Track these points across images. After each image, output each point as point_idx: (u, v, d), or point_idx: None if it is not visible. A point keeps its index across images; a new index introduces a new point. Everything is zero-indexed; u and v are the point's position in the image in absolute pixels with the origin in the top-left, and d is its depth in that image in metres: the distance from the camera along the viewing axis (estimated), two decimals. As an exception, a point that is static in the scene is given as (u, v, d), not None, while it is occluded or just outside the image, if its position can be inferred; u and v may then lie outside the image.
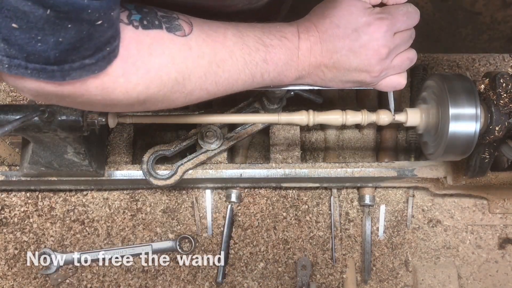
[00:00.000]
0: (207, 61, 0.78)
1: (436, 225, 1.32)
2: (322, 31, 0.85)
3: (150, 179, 1.18)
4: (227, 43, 0.80)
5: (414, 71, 1.34)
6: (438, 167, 1.21)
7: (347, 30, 0.84)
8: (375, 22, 0.84)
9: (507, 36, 2.12)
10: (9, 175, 1.21)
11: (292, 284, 1.28)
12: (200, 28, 0.78)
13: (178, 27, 0.75)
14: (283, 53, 0.84)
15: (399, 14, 0.85)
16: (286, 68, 0.86)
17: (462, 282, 1.29)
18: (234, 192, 1.30)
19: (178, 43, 0.75)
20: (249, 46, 0.82)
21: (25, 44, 0.59)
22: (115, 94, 0.70)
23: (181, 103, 0.81)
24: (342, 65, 0.86)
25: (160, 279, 1.28)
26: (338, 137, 1.34)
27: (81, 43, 0.61)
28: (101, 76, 0.67)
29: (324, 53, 0.86)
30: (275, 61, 0.84)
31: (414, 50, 0.90)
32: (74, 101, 0.71)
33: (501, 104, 0.96)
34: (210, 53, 0.78)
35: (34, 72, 0.62)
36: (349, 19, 0.84)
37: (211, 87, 0.81)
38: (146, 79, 0.72)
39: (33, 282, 1.27)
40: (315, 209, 1.31)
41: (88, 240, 1.29)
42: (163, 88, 0.74)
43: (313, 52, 0.86)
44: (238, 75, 0.82)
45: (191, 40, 0.76)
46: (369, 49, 0.84)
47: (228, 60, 0.80)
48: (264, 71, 0.84)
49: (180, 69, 0.75)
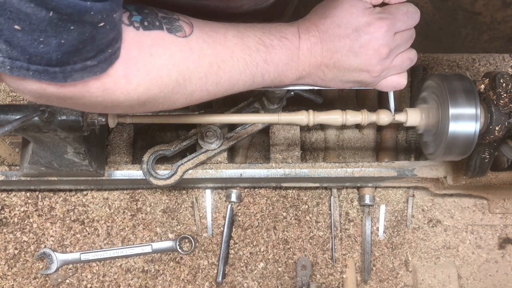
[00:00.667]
0: (208, 62, 0.78)
1: (436, 225, 1.32)
2: (323, 31, 0.85)
3: (150, 179, 1.18)
4: (227, 44, 0.80)
5: (414, 71, 1.34)
6: (438, 167, 1.21)
7: (348, 30, 0.84)
8: (375, 22, 0.84)
9: (507, 36, 2.13)
10: (9, 175, 1.21)
11: (292, 284, 1.28)
12: (201, 29, 0.78)
13: (178, 28, 0.75)
14: (284, 54, 0.84)
15: (400, 14, 0.85)
16: (287, 69, 0.86)
17: (462, 282, 1.29)
18: (234, 192, 1.30)
19: (179, 44, 0.75)
20: (249, 46, 0.82)
21: (28, 45, 0.59)
22: (116, 95, 0.70)
23: (181, 104, 0.81)
24: (343, 65, 0.86)
25: (160, 279, 1.28)
26: (338, 137, 1.34)
27: (83, 45, 0.61)
28: (103, 78, 0.67)
29: (324, 53, 0.86)
30: (276, 61, 0.84)
31: (415, 50, 0.90)
32: (76, 103, 0.71)
33: (501, 104, 0.96)
34: (211, 54, 0.78)
35: (36, 74, 0.62)
36: (350, 19, 0.84)
37: (212, 88, 0.81)
38: (147, 80, 0.72)
39: (33, 282, 1.27)
40: (315, 209, 1.31)
41: (88, 240, 1.29)
42: (164, 89, 0.74)
43: (313, 52, 0.86)
44: (239, 75, 0.82)
45: (192, 41, 0.76)
46: (370, 49, 0.84)
47: (229, 60, 0.80)
48: (264, 72, 0.84)
49: (181, 70, 0.75)
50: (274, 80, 0.87)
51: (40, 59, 0.60)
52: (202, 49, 0.77)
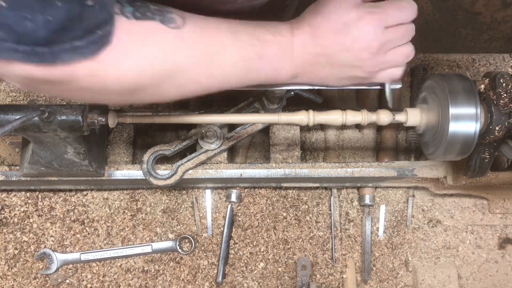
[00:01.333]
0: (200, 54, 0.78)
1: (436, 225, 1.32)
2: (315, 27, 0.85)
3: (150, 179, 1.18)
4: (220, 37, 0.80)
5: (414, 71, 1.34)
6: (438, 167, 1.21)
7: (338, 25, 0.84)
8: (365, 16, 0.83)
9: (507, 36, 2.12)
10: (9, 175, 1.21)
11: (292, 284, 1.28)
12: (194, 22, 0.79)
13: (171, 19, 0.76)
14: (277, 49, 0.84)
15: (391, 8, 0.85)
16: (281, 65, 0.86)
17: (462, 282, 1.29)
18: (234, 192, 1.30)
19: (171, 35, 0.75)
20: (242, 41, 0.82)
21: (14, 23, 0.58)
22: (105, 81, 0.70)
23: (173, 96, 0.81)
24: (336, 61, 0.87)
25: (160, 279, 1.28)
26: (338, 137, 1.34)
27: (71, 23, 0.61)
28: (92, 61, 0.67)
29: (317, 49, 0.86)
30: (270, 57, 0.84)
31: (412, 46, 0.89)
32: (64, 89, 0.71)
33: (501, 104, 0.96)
34: (203, 46, 0.78)
35: (24, 56, 0.62)
36: (340, 14, 0.84)
37: (204, 80, 0.81)
38: (137, 68, 0.72)
39: (33, 282, 1.27)
40: (315, 209, 1.31)
41: (88, 240, 1.29)
42: (154, 78, 0.75)
43: (306, 48, 0.86)
44: (232, 69, 0.82)
45: (184, 33, 0.76)
46: (360, 43, 0.84)
47: (222, 53, 0.80)
48: (259, 67, 0.84)
49: (173, 60, 0.76)
50: (268, 76, 0.87)
51: (28, 38, 0.60)
52: (194, 41, 0.77)
